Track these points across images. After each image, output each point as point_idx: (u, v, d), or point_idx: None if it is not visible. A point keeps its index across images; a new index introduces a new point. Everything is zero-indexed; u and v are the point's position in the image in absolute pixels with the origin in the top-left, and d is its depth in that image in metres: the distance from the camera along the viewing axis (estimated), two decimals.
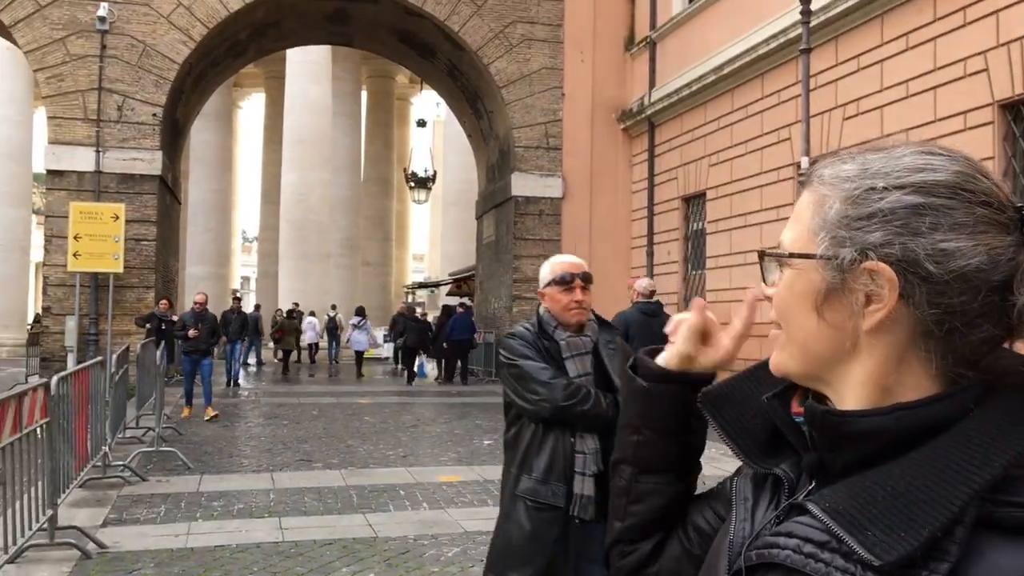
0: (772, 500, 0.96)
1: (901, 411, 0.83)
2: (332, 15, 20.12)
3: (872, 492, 0.80)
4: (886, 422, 0.83)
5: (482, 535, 6.59)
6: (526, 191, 19.13)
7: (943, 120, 10.64)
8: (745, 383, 1.05)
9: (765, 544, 0.87)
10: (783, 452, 0.97)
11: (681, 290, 17.96)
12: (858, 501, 0.80)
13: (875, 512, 0.79)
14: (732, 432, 1.01)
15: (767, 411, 0.99)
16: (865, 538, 0.77)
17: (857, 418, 0.85)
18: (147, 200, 17.28)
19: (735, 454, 1.01)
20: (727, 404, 1.04)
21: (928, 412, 0.83)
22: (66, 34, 17.01)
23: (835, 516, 0.81)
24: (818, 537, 0.81)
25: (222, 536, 6.53)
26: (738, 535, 0.95)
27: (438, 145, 38.97)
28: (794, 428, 0.95)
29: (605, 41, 19.99)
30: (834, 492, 0.84)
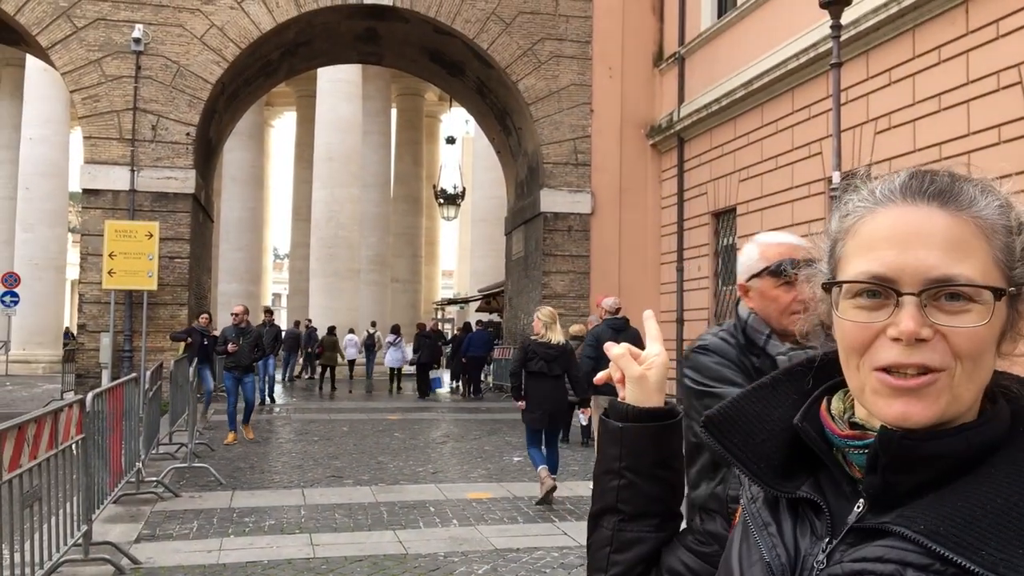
0: (798, 524, 0.94)
1: (968, 431, 0.85)
2: (362, 34, 20.32)
3: (967, 512, 0.80)
4: (957, 443, 0.85)
5: (512, 552, 6.57)
6: (555, 207, 19.15)
7: (976, 134, 10.52)
8: (750, 405, 1.02)
9: (849, 571, 0.84)
10: (797, 474, 0.96)
11: (712, 306, 17.86)
12: (955, 522, 0.80)
13: (980, 532, 0.79)
14: (743, 456, 0.99)
15: (785, 436, 0.97)
16: (983, 559, 0.77)
17: (934, 441, 0.85)
18: (180, 218, 17.50)
19: (749, 479, 0.99)
20: (733, 428, 1.01)
21: (988, 431, 0.86)
22: (102, 55, 17.31)
23: (935, 538, 0.80)
24: (918, 561, 0.80)
25: (254, 552, 6.56)
26: (776, 563, 0.93)
27: (467, 162, 39.13)
28: (828, 450, 0.94)
29: (633, 57, 20.00)
30: (919, 513, 0.83)
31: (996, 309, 0.85)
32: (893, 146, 11.95)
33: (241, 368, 12.27)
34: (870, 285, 0.87)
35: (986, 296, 0.84)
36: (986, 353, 0.86)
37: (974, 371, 0.85)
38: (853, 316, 0.89)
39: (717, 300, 17.80)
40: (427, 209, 38.26)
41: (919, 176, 0.90)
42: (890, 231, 0.88)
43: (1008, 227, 0.87)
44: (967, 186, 0.88)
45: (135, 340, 16.86)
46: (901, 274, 0.85)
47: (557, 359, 8.57)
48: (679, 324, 18.80)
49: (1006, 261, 0.86)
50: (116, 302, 16.76)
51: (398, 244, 36.27)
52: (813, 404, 0.97)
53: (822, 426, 0.95)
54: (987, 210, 0.87)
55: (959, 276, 0.84)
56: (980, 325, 0.84)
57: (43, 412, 5.58)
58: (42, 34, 17.14)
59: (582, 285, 19.20)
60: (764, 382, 1.04)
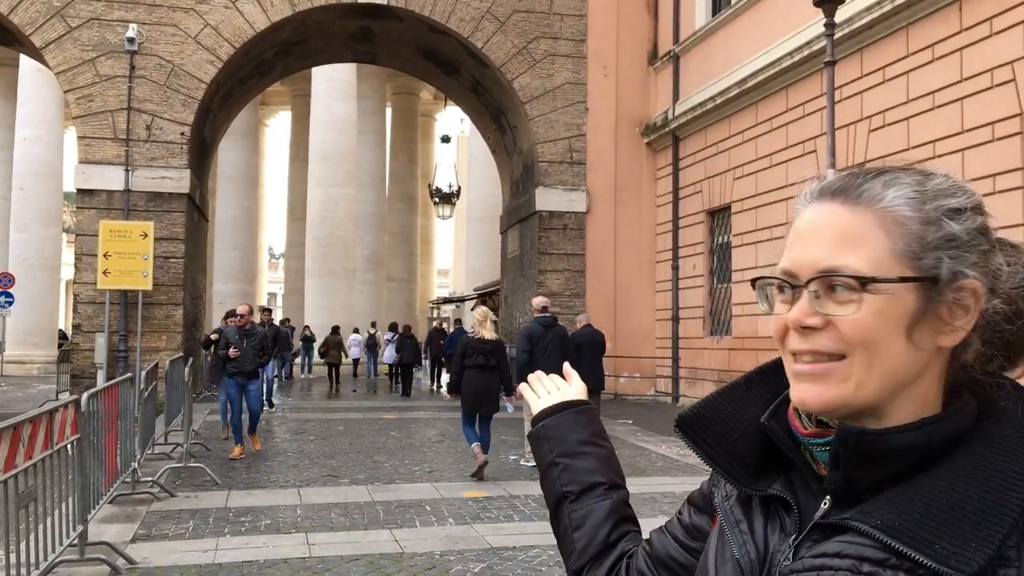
0: (769, 522, 0.96)
1: (929, 425, 0.87)
2: (357, 33, 20.31)
3: (923, 506, 0.82)
4: (917, 437, 0.86)
5: (508, 551, 6.58)
6: (550, 206, 19.16)
7: (970, 131, 10.55)
8: (722, 404, 1.04)
9: (809, 567, 0.86)
10: (769, 472, 0.98)
11: (707, 304, 17.89)
12: (911, 516, 0.82)
13: (934, 526, 0.80)
14: (716, 455, 1.01)
15: (757, 435, 0.99)
16: (935, 552, 0.79)
17: (892, 435, 0.86)
18: (175, 218, 17.48)
19: (722, 477, 1.01)
20: (706, 427, 1.03)
21: (950, 426, 0.87)
22: (96, 55, 17.28)
23: (891, 532, 0.81)
24: (874, 555, 0.82)
25: (250, 552, 6.56)
26: (745, 559, 0.95)
27: (462, 161, 39.12)
28: (796, 448, 0.96)
29: (628, 55, 20.02)
30: (877, 508, 0.84)
31: (888, 298, 0.86)
32: (887, 144, 11.98)
33: (245, 374, 11.26)
34: (779, 280, 0.92)
35: (882, 287, 0.86)
36: (881, 342, 0.87)
37: (872, 359, 0.86)
38: (777, 310, 0.93)
39: (712, 298, 17.82)
40: (422, 208, 38.23)
41: (835, 176, 0.94)
42: (799, 230, 0.93)
43: (921, 218, 0.88)
44: (876, 182, 0.91)
45: (130, 340, 16.84)
46: (799, 268, 0.90)
47: (491, 352, 9.78)
48: (674, 322, 18.82)
49: (911, 251, 0.88)
50: (111, 302, 16.74)
51: (393, 243, 36.26)
52: (782, 404, 0.99)
53: (790, 424, 0.96)
54: (891, 203, 0.89)
55: (843, 267, 0.87)
56: (865, 314, 0.86)
57: (38, 412, 5.58)
58: (36, 34, 17.11)
59: (578, 283, 19.22)
60: (738, 381, 1.06)
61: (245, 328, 11.39)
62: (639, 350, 19.47)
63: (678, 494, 8.76)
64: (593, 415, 1.37)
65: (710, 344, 17.48)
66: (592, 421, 1.35)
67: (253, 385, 11.43)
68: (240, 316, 11.53)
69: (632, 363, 19.44)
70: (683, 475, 9.99)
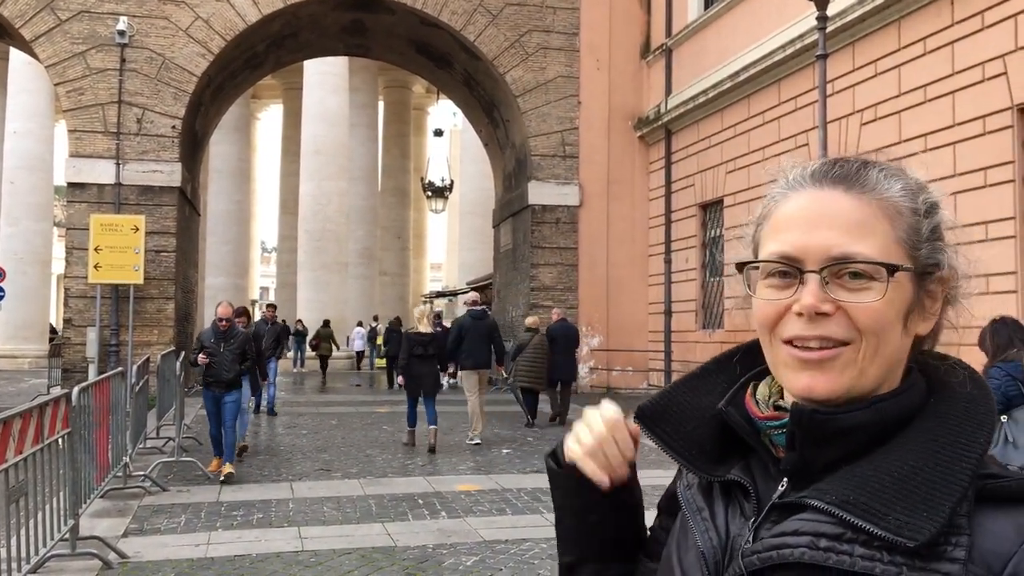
0: (730, 507, 0.97)
1: (880, 403, 0.89)
2: (349, 26, 20.24)
3: (876, 480, 0.84)
4: (869, 415, 0.88)
5: (500, 544, 6.58)
6: (543, 199, 19.14)
7: (961, 124, 10.57)
8: (680, 395, 1.05)
9: (769, 547, 0.87)
10: (729, 459, 0.99)
11: (699, 297, 17.91)
12: (865, 491, 0.83)
13: (887, 498, 0.82)
14: (675, 444, 1.02)
15: (715, 423, 1.00)
16: (888, 523, 0.81)
17: (845, 414, 0.88)
18: (167, 212, 17.42)
19: (681, 465, 1.03)
20: (664, 418, 1.04)
21: (901, 403, 0.89)
22: (86, 48, 17.19)
23: (846, 507, 0.83)
24: (831, 531, 0.83)
25: (242, 545, 6.55)
26: (707, 546, 0.95)
27: (455, 154, 39.06)
28: (754, 433, 0.97)
29: (621, 49, 20.00)
30: (831, 486, 0.86)
31: (895, 286, 0.88)
32: (879, 137, 11.99)
33: (223, 384, 9.36)
34: (778, 264, 0.92)
35: (884, 273, 0.88)
36: (888, 329, 0.89)
37: (879, 346, 0.89)
38: (766, 295, 0.94)
39: (704, 292, 17.84)
40: (415, 202, 38.18)
41: (829, 163, 0.95)
42: (797, 213, 0.93)
43: (915, 209, 0.91)
44: (873, 171, 0.93)
45: (122, 334, 16.79)
46: (805, 253, 0.90)
47: (429, 344, 11.48)
48: (667, 316, 18.84)
49: (909, 242, 0.90)
50: (102, 296, 16.68)
51: (386, 237, 36.20)
52: (739, 391, 1.00)
53: (747, 410, 0.98)
54: (891, 192, 0.91)
55: (858, 254, 0.88)
56: (878, 300, 0.88)
57: (29, 407, 5.56)
58: (25, 27, 17.01)
59: (570, 277, 19.23)
60: (695, 372, 1.07)
61: (223, 331, 9.55)
62: (632, 343, 19.49)
63: None
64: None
65: (702, 337, 17.51)
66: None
67: (231, 396, 9.44)
68: (222, 320, 9.57)
69: (625, 356, 19.46)
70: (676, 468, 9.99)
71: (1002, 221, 9.58)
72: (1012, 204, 9.72)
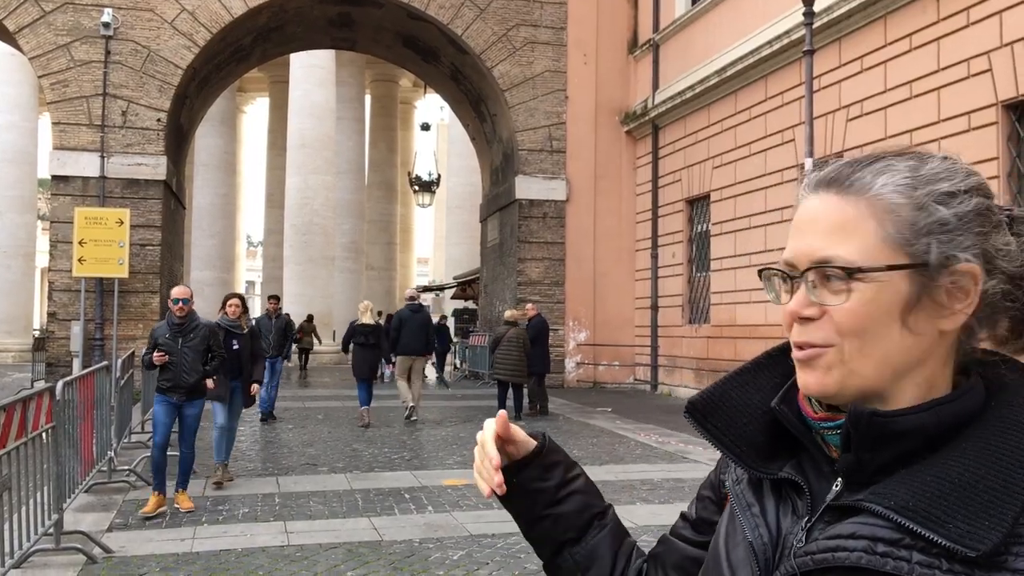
0: (781, 504, 0.97)
1: (939, 406, 0.88)
2: (336, 19, 20.17)
3: (936, 486, 0.83)
4: (927, 418, 0.87)
5: (487, 538, 6.59)
6: (530, 194, 19.14)
7: (947, 121, 10.63)
8: (730, 390, 1.05)
9: (824, 548, 0.86)
10: (780, 456, 0.99)
11: (686, 292, 17.96)
12: (924, 497, 0.83)
13: (948, 505, 0.81)
14: (726, 440, 1.02)
15: (767, 419, 1.00)
16: (949, 532, 0.80)
17: (902, 416, 0.88)
18: (152, 205, 17.32)
19: (732, 461, 1.02)
20: (715, 412, 1.04)
21: (960, 406, 0.88)
22: (70, 40, 17.07)
23: (905, 513, 0.82)
24: (889, 535, 0.83)
25: (227, 540, 6.53)
26: (758, 542, 0.96)
27: (442, 148, 39.01)
28: (807, 432, 0.96)
29: (608, 44, 20.01)
30: (889, 489, 0.85)
31: (880, 286, 0.88)
32: (865, 133, 12.05)
33: (181, 390, 7.52)
34: (783, 270, 0.94)
35: (874, 275, 0.88)
36: (873, 329, 0.88)
37: (864, 346, 0.88)
38: (783, 300, 0.95)
39: (691, 286, 17.89)
40: (402, 196, 38.10)
41: (825, 166, 0.95)
42: (797, 220, 0.95)
43: (913, 204, 0.89)
44: (865, 170, 0.92)
45: (106, 328, 16.70)
46: (797, 259, 0.92)
47: (371, 334, 13.46)
48: (653, 310, 18.88)
49: (902, 238, 0.89)
50: (87, 290, 16.58)
51: (373, 231, 36.12)
52: (791, 387, 0.99)
53: (800, 408, 0.97)
54: (883, 189, 0.90)
55: (836, 257, 0.89)
56: (855, 303, 0.88)
57: (12, 400, 5.52)
58: (9, 18, 16.87)
59: (557, 272, 19.24)
60: (747, 366, 1.07)
61: (182, 320, 7.62)
62: (618, 338, 19.53)
63: (656, 481, 8.81)
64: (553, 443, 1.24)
65: (689, 332, 17.56)
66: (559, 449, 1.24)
67: (192, 408, 7.67)
68: (179, 303, 7.61)
69: (611, 351, 19.50)
70: (662, 462, 10.04)
71: None
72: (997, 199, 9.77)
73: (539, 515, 1.22)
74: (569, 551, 1.21)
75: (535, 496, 1.21)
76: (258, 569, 5.83)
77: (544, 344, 14.76)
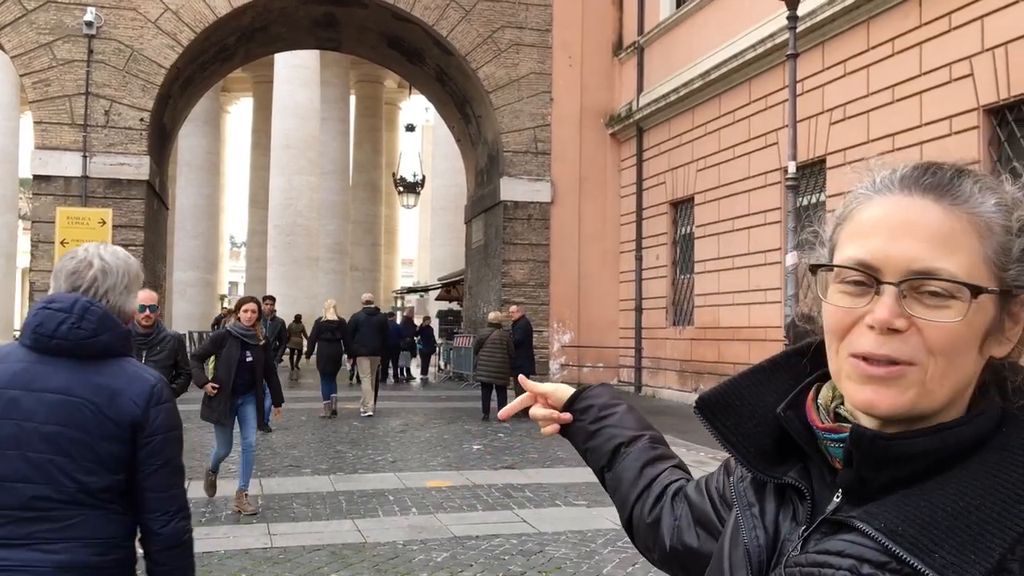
0: (782, 508, 0.96)
1: (945, 431, 0.85)
2: (320, 20, 20.12)
3: (929, 512, 0.81)
4: (931, 443, 0.85)
5: (471, 540, 6.59)
6: (515, 196, 19.15)
7: (929, 125, 10.71)
8: (743, 388, 1.03)
9: (812, 562, 0.86)
10: (787, 460, 0.97)
11: (669, 294, 18.01)
12: (916, 522, 0.81)
13: (937, 534, 0.79)
14: (733, 439, 1.00)
15: (778, 421, 0.98)
16: (933, 561, 0.78)
17: (905, 440, 0.85)
18: (134, 205, 17.23)
19: (738, 461, 1.01)
20: (725, 411, 1.02)
21: (966, 432, 0.85)
22: (53, 39, 16.95)
23: (894, 537, 0.80)
24: (875, 558, 0.81)
25: (210, 543, 6.50)
26: (753, 544, 0.95)
27: (427, 150, 38.97)
28: (812, 441, 0.95)
29: (593, 46, 20.04)
30: (883, 510, 0.83)
31: (977, 307, 0.83)
32: (847, 137, 12.13)
33: None
34: (855, 272, 0.87)
35: (966, 293, 0.83)
36: (962, 352, 0.84)
37: (948, 369, 0.84)
38: (837, 300, 0.89)
39: (675, 288, 17.94)
40: (387, 197, 38.08)
41: (921, 168, 0.90)
42: (881, 220, 0.87)
43: (1007, 227, 0.86)
44: (967, 182, 0.87)
45: None
46: (885, 263, 0.85)
47: (336, 330, 14.46)
48: (638, 312, 18.93)
49: (998, 261, 0.85)
50: None
51: (357, 232, 36.06)
52: (801, 393, 0.97)
53: (806, 416, 0.95)
54: (984, 207, 0.86)
55: (942, 270, 0.83)
56: (955, 321, 0.83)
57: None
58: None
59: (542, 274, 19.25)
60: (763, 365, 1.04)
61: (148, 331, 6.20)
62: (603, 340, 19.56)
63: None
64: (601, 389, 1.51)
65: (673, 334, 17.61)
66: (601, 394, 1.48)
67: None
68: (145, 310, 6.09)
69: (595, 353, 19.53)
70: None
71: None
72: None
73: (582, 449, 1.44)
74: (606, 475, 1.40)
75: (575, 434, 1.44)
76: (241, 571, 5.81)
77: (529, 346, 14.81)
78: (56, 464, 2.10)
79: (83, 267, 2.32)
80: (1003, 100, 9.73)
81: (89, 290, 2.28)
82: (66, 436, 2.11)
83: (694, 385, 16.19)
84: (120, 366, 2.24)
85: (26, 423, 2.10)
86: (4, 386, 2.14)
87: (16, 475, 2.08)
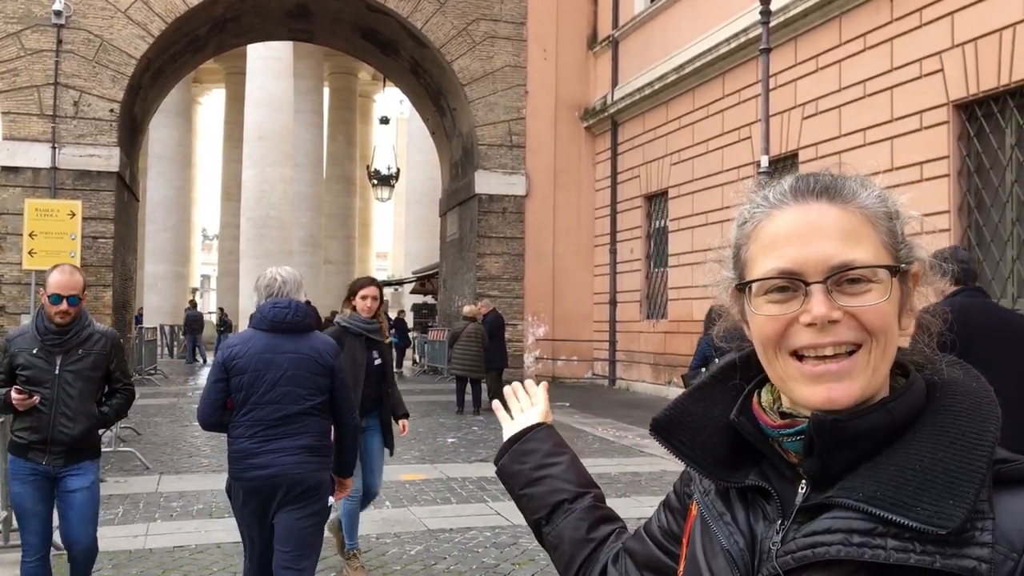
0: (751, 511, 1.00)
1: (891, 404, 0.93)
2: (293, 10, 19.96)
3: (899, 475, 0.88)
4: (883, 417, 0.92)
5: (444, 532, 6.58)
6: (489, 189, 19.13)
7: (899, 120, 10.80)
8: (691, 406, 1.09)
9: (804, 546, 0.90)
10: (743, 465, 1.03)
11: (644, 287, 18.07)
12: (890, 486, 0.87)
13: (913, 490, 0.86)
14: (690, 453, 1.06)
15: (728, 431, 1.04)
16: (918, 515, 0.84)
17: (860, 418, 0.92)
18: (104, 197, 17.03)
19: (699, 473, 1.06)
20: (679, 428, 1.07)
21: (908, 401, 0.93)
22: (21, 28, 16.70)
23: (875, 503, 0.86)
24: (862, 526, 0.87)
25: (181, 537, 6.45)
26: (735, 548, 0.99)
27: (401, 143, 38.85)
28: (765, 440, 1.00)
29: (568, 39, 20.04)
30: (857, 483, 0.89)
31: (893, 286, 0.94)
32: (819, 131, 12.21)
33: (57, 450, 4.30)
34: (779, 280, 0.95)
35: (882, 275, 0.93)
36: (892, 327, 0.94)
37: (887, 345, 0.93)
38: (767, 311, 0.96)
39: (649, 282, 18.01)
40: (361, 190, 37.88)
41: (804, 178, 0.99)
42: (789, 229, 0.96)
43: (888, 213, 0.96)
44: (848, 182, 0.98)
45: None
46: (805, 266, 0.93)
47: None
48: (612, 306, 18.98)
49: (891, 243, 0.95)
50: (37, 283, 16.23)
51: (331, 225, 35.87)
52: (746, 399, 1.03)
53: (756, 419, 1.01)
54: (869, 201, 0.96)
55: (856, 260, 0.92)
56: (883, 301, 0.92)
57: None
58: None
59: (516, 267, 19.25)
60: (703, 382, 1.11)
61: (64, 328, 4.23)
62: (577, 333, 19.60)
63: (614, 475, 8.86)
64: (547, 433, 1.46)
65: (646, 327, 17.68)
66: (546, 439, 1.44)
67: (79, 478, 4.44)
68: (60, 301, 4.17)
69: (570, 346, 19.57)
70: (619, 456, 10.10)
71: (937, 214, 9.82)
72: (947, 198, 9.97)
73: (518, 494, 1.41)
74: (544, 530, 1.37)
75: (512, 476, 1.43)
76: (212, 565, 5.77)
77: (501, 339, 14.75)
78: (296, 392, 3.93)
79: (273, 282, 4.07)
80: (972, 95, 9.83)
81: (277, 293, 4.05)
82: (300, 376, 3.94)
83: (668, 378, 16.27)
84: (316, 336, 4.14)
85: (279, 371, 3.91)
86: (261, 351, 3.93)
87: (280, 399, 3.90)
